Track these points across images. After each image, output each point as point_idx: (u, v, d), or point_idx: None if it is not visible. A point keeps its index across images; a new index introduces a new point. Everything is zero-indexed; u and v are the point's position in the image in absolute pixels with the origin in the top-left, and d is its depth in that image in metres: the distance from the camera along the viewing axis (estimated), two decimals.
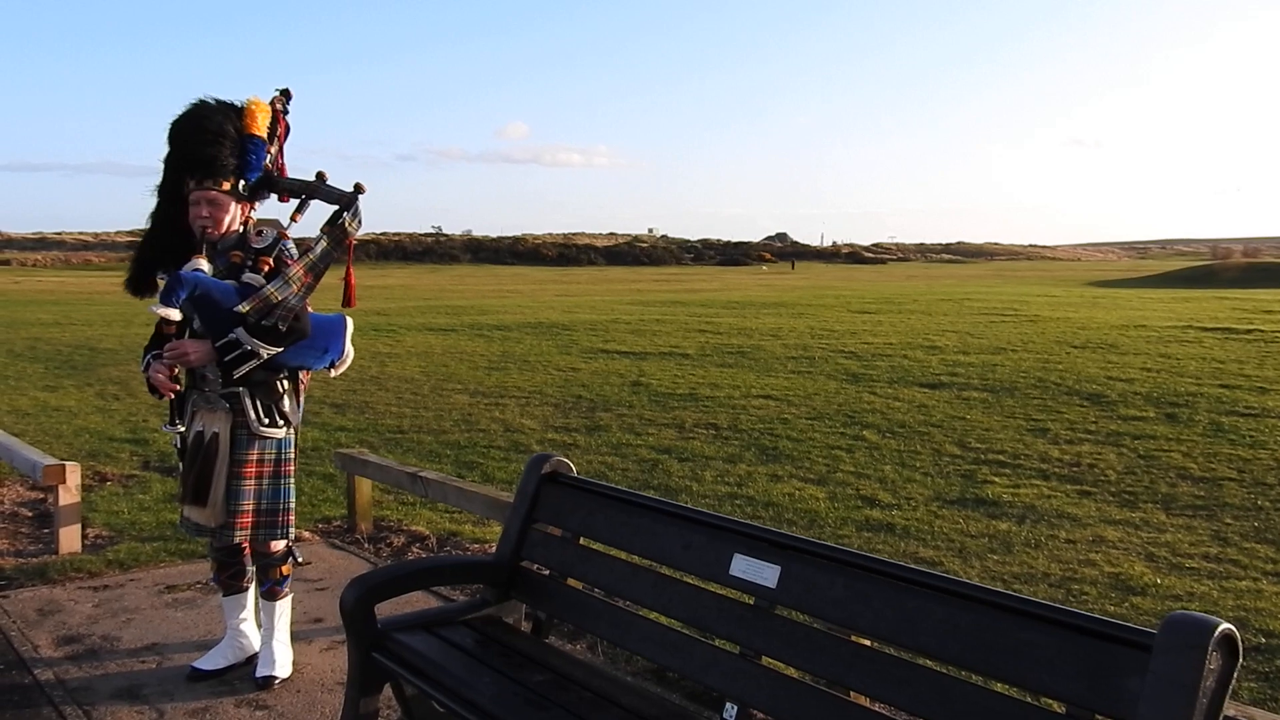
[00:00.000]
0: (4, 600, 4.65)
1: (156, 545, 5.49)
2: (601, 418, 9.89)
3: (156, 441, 8.66)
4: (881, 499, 6.66)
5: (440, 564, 4.22)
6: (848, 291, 38.06)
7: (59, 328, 22.16)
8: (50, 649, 4.07)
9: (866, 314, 23.78)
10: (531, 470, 3.32)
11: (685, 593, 2.77)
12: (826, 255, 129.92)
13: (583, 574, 3.09)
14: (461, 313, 25.98)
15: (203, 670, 3.78)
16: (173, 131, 3.64)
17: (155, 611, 4.51)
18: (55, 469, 5.38)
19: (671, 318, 23.14)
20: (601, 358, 15.16)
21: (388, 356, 15.41)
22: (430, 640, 2.92)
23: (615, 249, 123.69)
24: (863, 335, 18.04)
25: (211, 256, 3.60)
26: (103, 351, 16.73)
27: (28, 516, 6.26)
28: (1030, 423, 9.30)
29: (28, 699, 3.61)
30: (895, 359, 14.25)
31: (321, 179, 3.70)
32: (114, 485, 7.09)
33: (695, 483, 7.17)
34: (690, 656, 2.66)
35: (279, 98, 3.81)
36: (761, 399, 10.93)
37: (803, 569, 2.47)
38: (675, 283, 55.42)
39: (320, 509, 6.33)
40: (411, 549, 5.56)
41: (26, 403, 11.16)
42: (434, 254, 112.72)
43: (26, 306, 31.61)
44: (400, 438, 8.99)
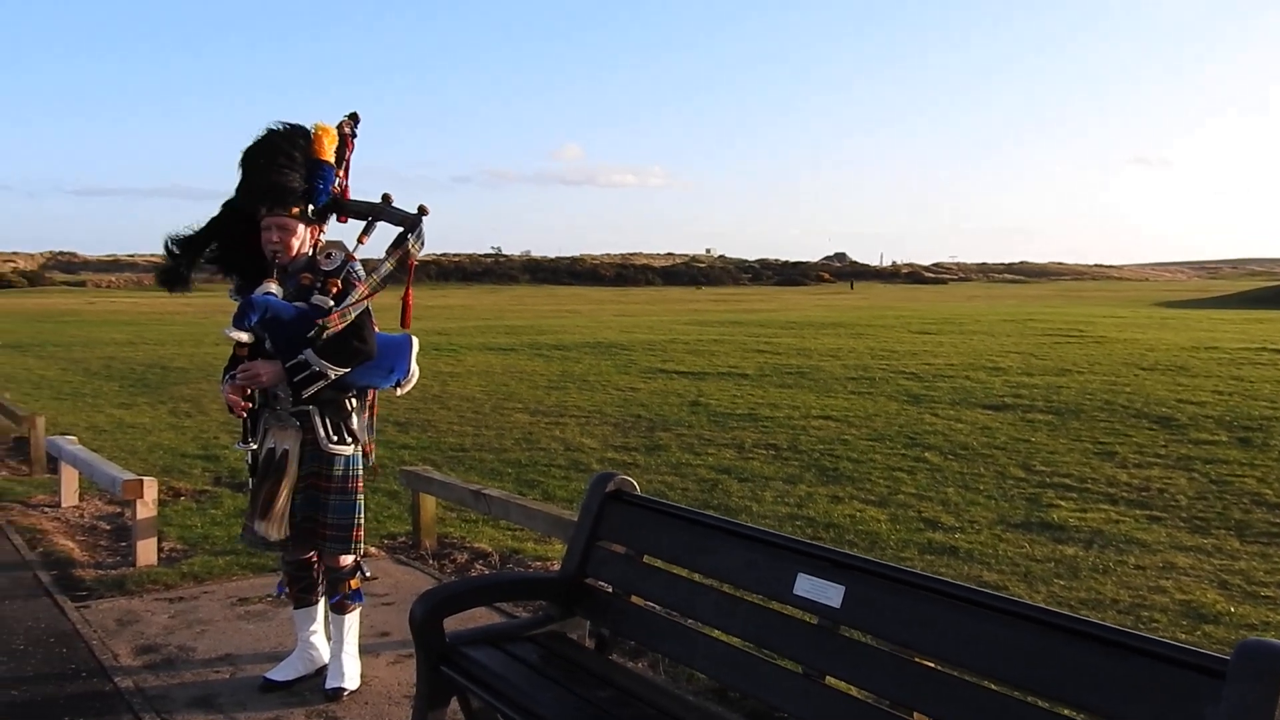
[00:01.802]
0: (85, 610, 4.81)
1: (229, 559, 5.63)
2: (661, 437, 9.92)
3: (227, 458, 8.87)
4: (944, 522, 6.59)
5: (506, 580, 4.28)
6: (908, 312, 37.68)
7: (132, 347, 22.82)
8: (129, 658, 4.20)
9: (927, 334, 23.52)
10: (595, 488, 3.36)
11: (748, 611, 2.79)
12: (886, 275, 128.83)
13: (646, 591, 3.12)
14: (521, 332, 26.22)
15: (274, 681, 3.88)
16: (245, 159, 3.76)
17: (228, 623, 4.64)
18: (133, 484, 5.56)
19: (730, 338, 23.11)
20: (660, 377, 15.20)
21: (449, 376, 15.62)
22: (497, 655, 2.97)
23: (673, 269, 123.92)
24: (923, 356, 17.84)
25: (282, 280, 3.71)
26: (174, 370, 17.19)
27: (106, 530, 6.46)
28: (1097, 446, 9.13)
29: (109, 706, 3.74)
30: (957, 380, 14.08)
31: (387, 201, 3.80)
32: (187, 500, 7.29)
33: (755, 503, 7.16)
34: (753, 676, 2.68)
35: (347, 121, 3.92)
36: (821, 419, 10.88)
37: (867, 589, 2.48)
38: (733, 302, 55.37)
39: (385, 525, 6.44)
40: (475, 565, 5.63)
41: (103, 419, 11.50)
42: (493, 274, 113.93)
43: (101, 326, 32.59)
44: (462, 455, 9.10)
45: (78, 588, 5.17)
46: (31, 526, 6.39)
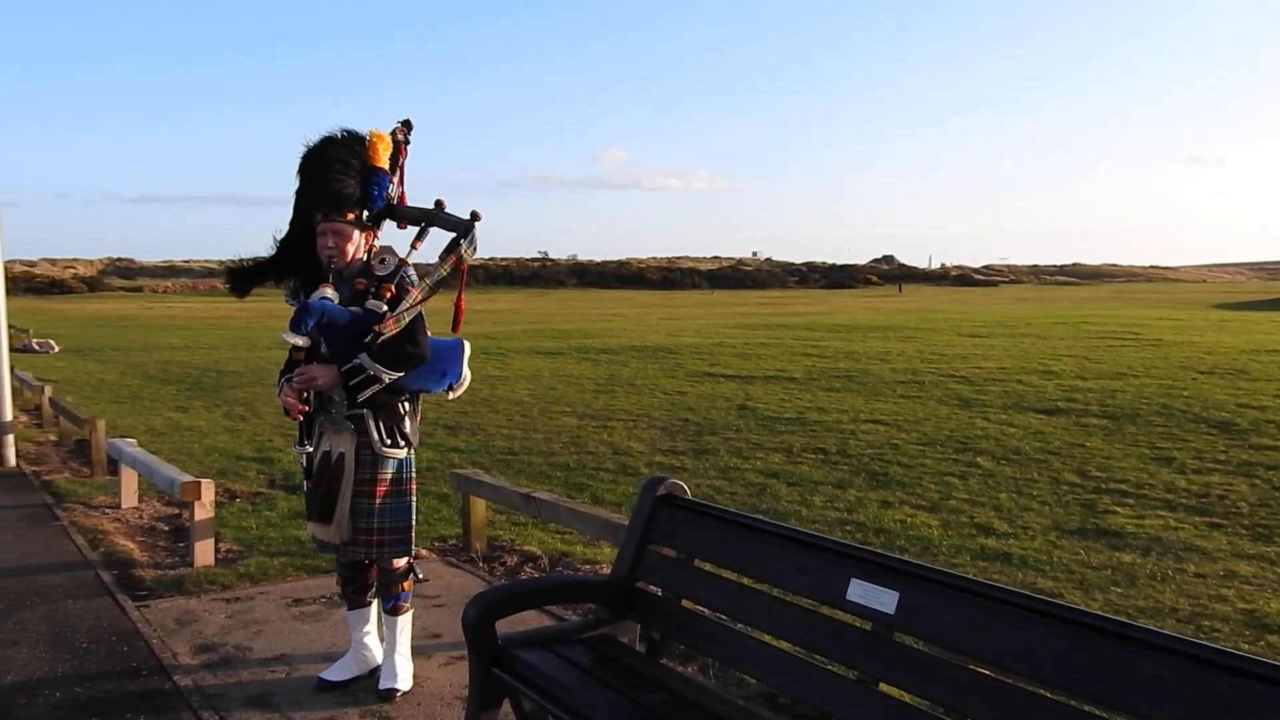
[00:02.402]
0: (145, 610, 4.91)
1: (283, 560, 5.72)
2: (708, 441, 9.91)
3: (281, 460, 9.01)
4: (997, 528, 6.51)
5: (558, 582, 4.30)
6: (957, 314, 37.25)
7: (188, 351, 23.27)
8: (188, 657, 4.28)
9: (977, 337, 23.24)
10: (646, 492, 3.37)
11: (799, 616, 2.78)
12: (934, 277, 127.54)
13: (696, 595, 3.12)
14: (568, 336, 26.33)
15: (329, 681, 3.93)
16: (302, 165, 3.82)
17: (283, 623, 4.71)
18: (191, 486, 5.67)
19: (777, 341, 23.02)
20: (707, 381, 15.18)
21: (497, 379, 15.73)
22: (548, 657, 2.99)
23: (719, 272, 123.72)
24: (974, 359, 17.64)
25: (338, 284, 3.76)
26: (229, 374, 17.50)
27: (165, 531, 6.60)
28: (1154, 451, 8.96)
29: (168, 704, 3.81)
30: (1008, 384, 13.90)
31: (440, 207, 3.84)
32: (243, 502, 7.41)
33: (804, 507, 7.12)
34: (804, 681, 2.67)
35: (400, 128, 3.96)
36: (870, 424, 10.79)
37: (921, 595, 2.45)
38: (780, 306, 55.12)
39: (436, 528, 6.50)
40: (524, 568, 5.66)
41: (161, 422, 11.74)
42: (540, 278, 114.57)
43: (158, 331, 33.27)
44: (511, 459, 9.16)
45: (138, 587, 5.28)
46: (93, 527, 6.54)
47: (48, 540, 6.32)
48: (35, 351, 23.25)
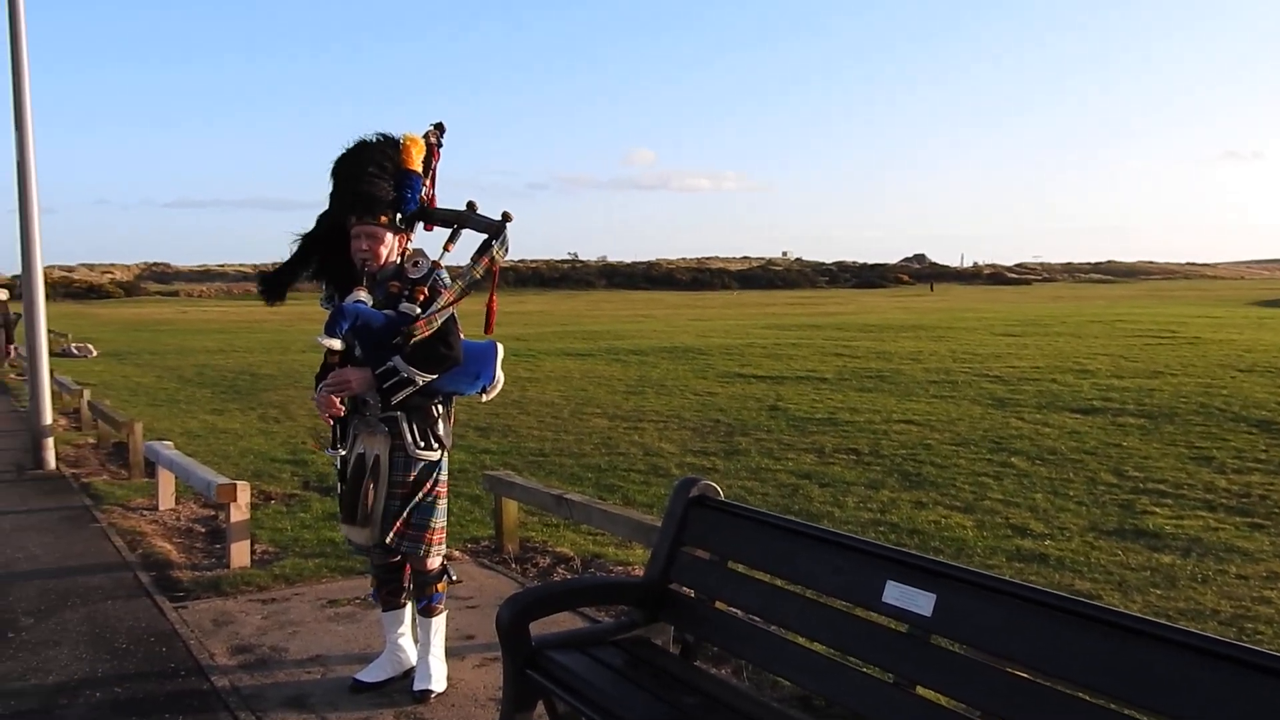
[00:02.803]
0: (183, 610, 4.96)
1: (318, 561, 5.76)
2: (739, 442, 9.88)
3: (315, 463, 9.09)
4: (1033, 528, 6.44)
5: (591, 584, 4.30)
6: (990, 313, 36.94)
7: (223, 354, 23.53)
8: (225, 657, 4.32)
9: (1011, 336, 23.03)
10: (679, 493, 3.36)
11: (834, 619, 2.76)
12: (966, 276, 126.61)
13: (730, 597, 3.11)
14: (598, 338, 26.37)
15: (364, 682, 3.95)
16: (336, 168, 3.84)
17: (319, 624, 4.74)
18: (227, 488, 5.72)
19: (807, 341, 22.93)
20: (738, 382, 15.14)
21: (528, 381, 15.77)
22: (582, 659, 2.98)
23: (749, 273, 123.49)
24: (1007, 358, 17.47)
25: (371, 287, 3.78)
26: (263, 377, 17.67)
27: (201, 532, 6.67)
28: (1193, 450, 8.83)
29: (206, 704, 3.85)
30: (1043, 383, 13.76)
31: (472, 208, 3.85)
32: (277, 504, 7.48)
33: (837, 508, 7.08)
34: (840, 683, 2.65)
35: (433, 131, 3.97)
36: (903, 424, 10.72)
37: (958, 597, 2.43)
38: (810, 306, 54.91)
39: (468, 529, 6.52)
40: (557, 570, 5.67)
41: (197, 425, 11.87)
42: (570, 280, 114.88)
43: (194, 335, 33.67)
44: (542, 460, 9.18)
45: (175, 588, 5.34)
46: (132, 529, 6.63)
47: (87, 542, 6.40)
48: (74, 356, 23.60)
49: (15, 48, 9.01)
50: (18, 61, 9.02)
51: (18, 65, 9.02)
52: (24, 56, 9.05)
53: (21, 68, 9.04)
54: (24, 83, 9.05)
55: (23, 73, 9.05)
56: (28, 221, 9.13)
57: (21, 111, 9.05)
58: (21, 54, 9.04)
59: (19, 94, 9.05)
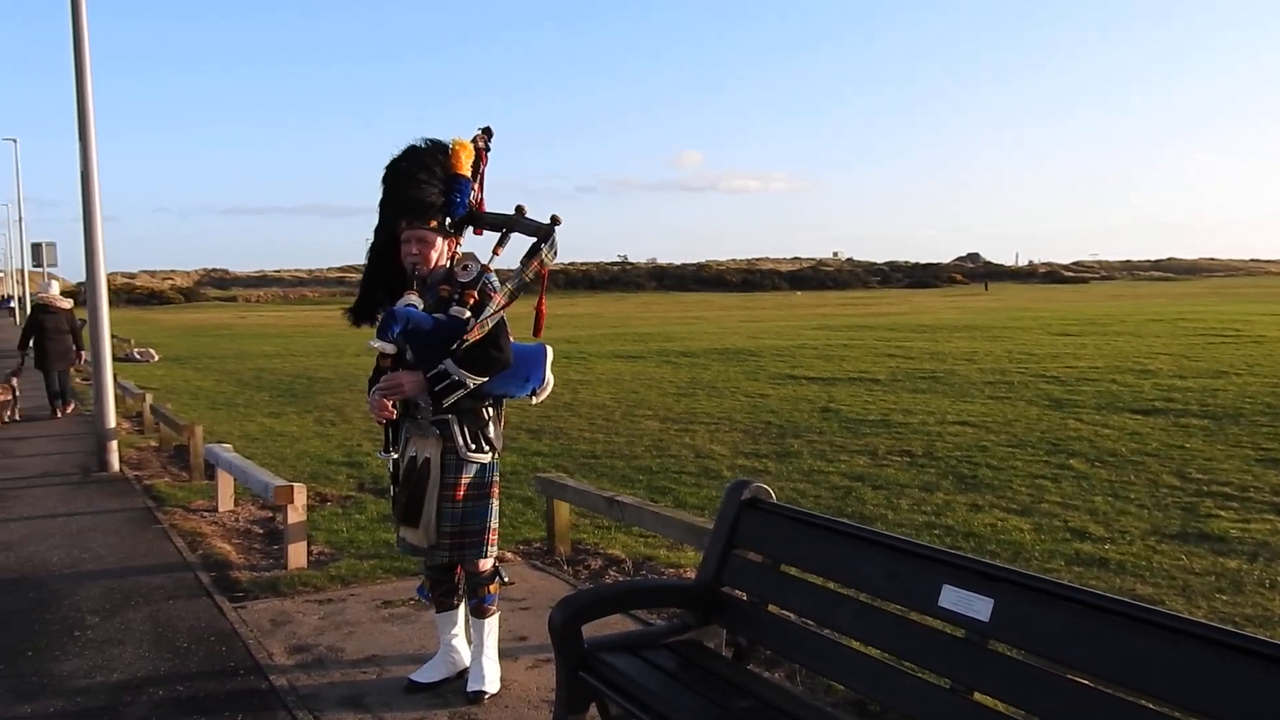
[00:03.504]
0: (242, 610, 5.05)
1: (373, 562, 5.83)
2: (791, 444, 9.82)
3: (370, 465, 9.20)
4: (1093, 532, 6.31)
5: (643, 587, 4.30)
6: (1046, 313, 36.35)
7: (280, 358, 23.91)
8: (283, 657, 4.38)
9: (1068, 336, 22.64)
10: (731, 496, 3.34)
11: (889, 623, 2.73)
12: (1022, 275, 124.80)
13: (784, 601, 3.08)
14: (649, 340, 26.38)
15: (418, 683, 3.98)
16: (387, 174, 3.88)
17: (374, 625, 4.79)
18: (285, 490, 5.81)
19: (860, 342, 22.74)
20: (789, 383, 15.06)
21: (579, 383, 15.82)
22: (635, 662, 2.98)
23: (800, 273, 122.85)
24: (1065, 358, 17.18)
25: (422, 291, 3.81)
26: (319, 380, 17.93)
27: (259, 533, 6.78)
28: (1259, 452, 8.60)
29: (265, 703, 3.91)
30: (1102, 383, 13.50)
31: (520, 212, 3.86)
32: (333, 506, 7.58)
33: (891, 511, 7.01)
34: (896, 689, 2.61)
35: (481, 136, 4.00)
36: (957, 425, 10.58)
37: (1017, 602, 2.38)
38: (862, 306, 54.46)
39: (521, 531, 6.55)
40: (608, 572, 5.67)
41: (255, 428, 12.08)
42: (620, 282, 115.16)
43: (251, 339, 34.28)
44: (594, 463, 9.20)
45: (235, 589, 5.43)
46: (192, 530, 6.76)
47: (150, 542, 6.54)
48: (136, 360, 24.15)
49: (79, 63, 9.24)
50: (81, 75, 9.25)
51: (81, 79, 9.25)
52: (87, 70, 9.28)
53: (85, 81, 9.27)
54: (87, 95, 9.28)
55: (86, 85, 9.28)
56: (91, 229, 9.36)
57: (85, 123, 9.28)
58: (85, 68, 9.27)
59: (82, 106, 9.28)
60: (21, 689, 4.10)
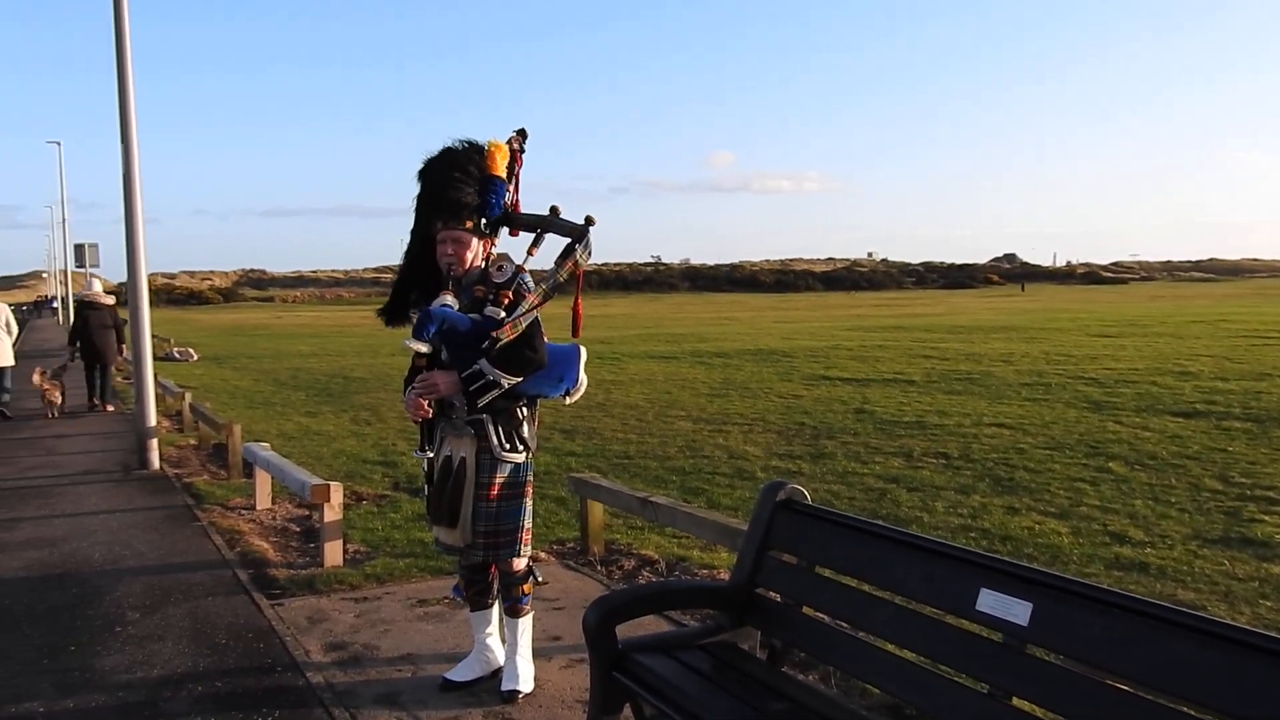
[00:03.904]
0: (279, 608, 5.10)
1: (408, 561, 5.87)
2: (825, 445, 9.77)
3: (404, 464, 9.26)
4: (1133, 536, 6.23)
5: (677, 588, 4.29)
6: (1085, 313, 35.92)
7: (316, 358, 24.15)
8: (319, 654, 4.42)
9: (1107, 337, 22.36)
10: (766, 497, 3.32)
11: (926, 626, 2.70)
12: (1059, 276, 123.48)
13: (818, 603, 3.06)
14: (682, 340, 26.36)
15: (453, 681, 4.00)
16: (422, 175, 3.90)
17: (409, 624, 4.82)
18: (321, 488, 5.86)
19: (894, 343, 22.58)
20: (823, 384, 14.99)
21: (612, 384, 15.84)
22: (669, 663, 2.97)
23: (833, 274, 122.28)
24: (1104, 360, 16.96)
25: (457, 291, 3.83)
26: (355, 380, 18.08)
27: (296, 531, 6.85)
28: None
29: (301, 700, 3.94)
30: (1142, 385, 13.32)
31: (555, 213, 3.87)
32: (369, 504, 7.63)
33: (926, 513, 6.95)
34: (932, 693, 2.59)
35: (516, 137, 4.01)
36: (994, 427, 10.48)
37: (1057, 607, 2.35)
38: (897, 307, 54.09)
39: (554, 531, 6.57)
40: (642, 573, 5.67)
41: (291, 427, 12.20)
42: (654, 283, 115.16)
43: (288, 339, 34.63)
44: (627, 463, 9.20)
45: (272, 586, 5.49)
46: (230, 527, 6.84)
47: (189, 540, 6.62)
48: (176, 360, 24.49)
49: (121, 67, 9.38)
50: (123, 79, 9.38)
51: (123, 83, 9.39)
52: (129, 74, 9.42)
53: (127, 85, 9.40)
54: (129, 99, 9.42)
55: (128, 89, 9.41)
56: (133, 231, 9.49)
57: (127, 127, 9.42)
58: (127, 72, 9.40)
59: (124, 110, 9.42)
60: (65, 683, 4.16)
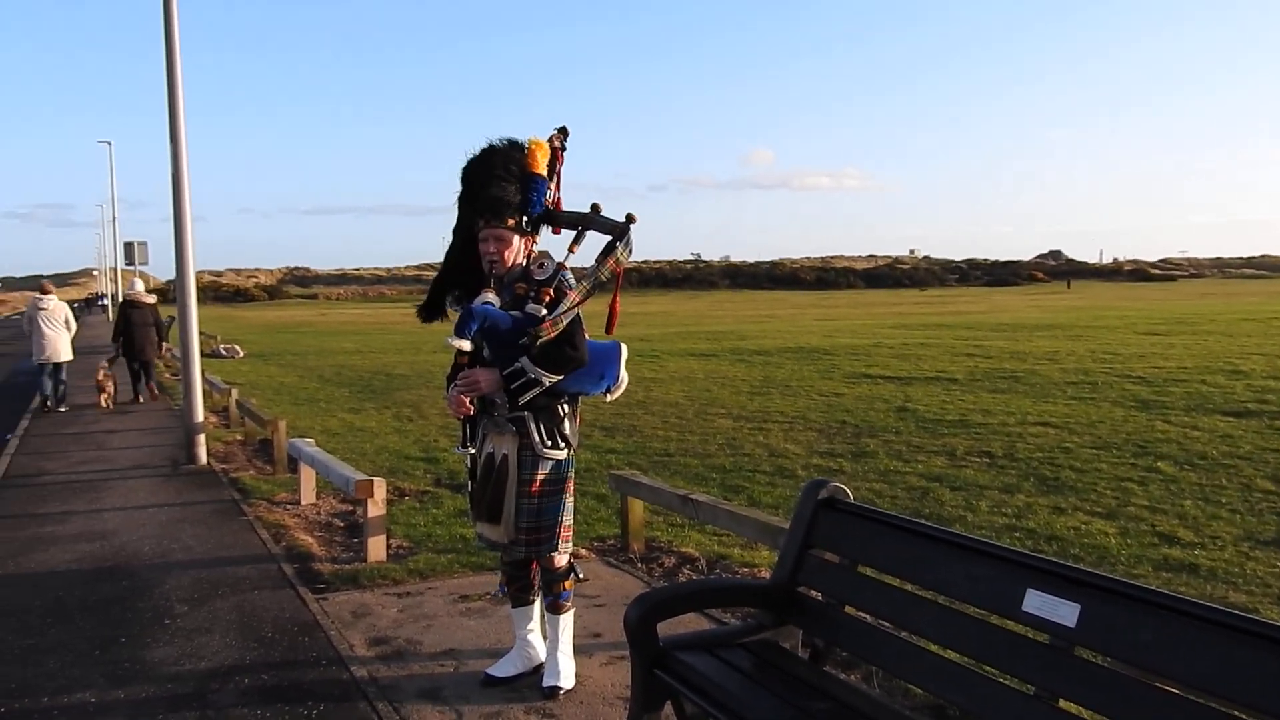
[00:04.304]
0: (324, 602, 5.16)
1: (450, 557, 5.91)
2: (867, 443, 9.70)
3: (446, 460, 9.32)
4: (1182, 537, 6.12)
5: (718, 586, 4.28)
6: (1132, 311, 35.35)
7: (360, 355, 24.38)
8: (363, 649, 4.47)
9: (1155, 335, 21.99)
10: (808, 495, 3.31)
11: (971, 627, 2.68)
12: (1106, 273, 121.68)
13: (861, 602, 3.05)
14: (722, 338, 26.30)
15: (495, 677, 4.03)
16: (465, 173, 3.92)
17: (451, 619, 4.86)
18: (365, 484, 5.92)
19: (937, 341, 22.37)
20: (865, 382, 14.88)
21: (652, 381, 15.83)
22: (710, 661, 2.97)
23: (875, 271, 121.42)
24: (1152, 359, 16.68)
25: (499, 289, 3.84)
26: (397, 377, 18.24)
27: (340, 526, 6.92)
28: None
29: (345, 693, 3.99)
30: (1191, 384, 13.08)
31: (596, 210, 3.87)
32: (411, 500, 7.70)
33: (970, 513, 6.88)
34: (977, 693, 2.56)
35: (557, 135, 4.01)
36: (1039, 426, 10.34)
37: (1105, 608, 2.32)
38: (939, 305, 53.57)
39: (595, 528, 6.58)
40: (682, 570, 5.67)
41: (336, 423, 12.33)
42: (693, 280, 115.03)
43: (332, 336, 35.01)
44: (667, 460, 9.20)
45: (317, 580, 5.55)
46: (276, 522, 6.93)
47: (235, 534, 6.72)
48: (223, 356, 24.86)
49: (170, 68, 9.53)
50: (172, 80, 9.53)
51: (172, 84, 9.53)
52: (178, 75, 9.56)
53: (175, 86, 9.55)
54: (178, 100, 9.57)
55: (176, 90, 9.56)
56: (181, 230, 9.64)
57: (176, 128, 9.57)
58: (176, 73, 9.55)
59: (173, 111, 9.56)
60: (116, 674, 4.24)
